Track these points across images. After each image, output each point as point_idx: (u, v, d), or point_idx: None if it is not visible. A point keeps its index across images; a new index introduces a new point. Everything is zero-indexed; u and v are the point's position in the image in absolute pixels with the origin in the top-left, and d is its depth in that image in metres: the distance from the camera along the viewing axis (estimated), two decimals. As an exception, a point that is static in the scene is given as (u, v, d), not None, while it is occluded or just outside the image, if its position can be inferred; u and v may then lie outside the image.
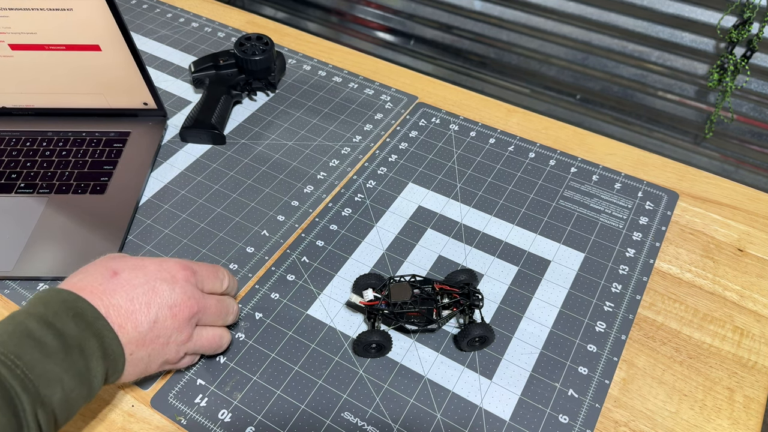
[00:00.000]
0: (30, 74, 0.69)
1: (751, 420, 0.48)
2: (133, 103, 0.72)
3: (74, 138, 0.70)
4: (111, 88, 0.71)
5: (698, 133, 1.01)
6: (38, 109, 0.73)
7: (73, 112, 0.73)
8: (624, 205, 0.64)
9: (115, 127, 0.72)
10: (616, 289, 0.57)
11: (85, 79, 0.70)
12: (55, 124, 0.72)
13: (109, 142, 0.70)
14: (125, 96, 0.71)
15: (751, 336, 0.54)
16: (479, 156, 0.70)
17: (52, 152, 0.69)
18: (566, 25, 1.02)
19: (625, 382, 0.51)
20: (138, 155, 0.69)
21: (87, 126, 0.72)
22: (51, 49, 0.67)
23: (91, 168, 0.67)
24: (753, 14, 0.84)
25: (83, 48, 0.66)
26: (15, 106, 0.72)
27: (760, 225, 0.63)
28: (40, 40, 0.66)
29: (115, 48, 0.66)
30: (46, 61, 0.68)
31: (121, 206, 0.64)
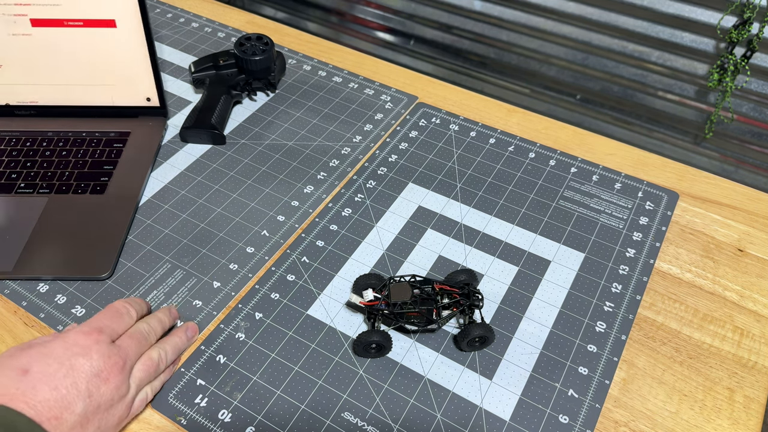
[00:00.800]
0: (44, 58, 0.68)
1: (751, 420, 0.48)
2: (137, 98, 0.72)
3: (74, 138, 0.70)
4: (118, 77, 0.70)
5: (698, 133, 1.01)
6: (41, 108, 0.72)
7: (74, 111, 0.72)
8: (624, 205, 0.64)
9: (115, 127, 0.72)
10: (616, 289, 0.57)
11: (96, 64, 0.69)
12: (56, 123, 0.72)
13: (110, 142, 0.70)
14: (130, 89, 0.71)
15: (751, 336, 0.54)
16: (479, 156, 0.70)
17: (52, 152, 0.68)
18: (566, 25, 1.02)
19: (625, 382, 0.51)
20: (138, 155, 0.69)
21: (88, 126, 0.72)
22: (69, 25, 0.66)
23: (91, 168, 0.67)
24: (753, 14, 0.84)
25: (100, 24, 0.66)
26: (19, 103, 0.72)
27: (760, 225, 0.63)
28: (61, 13, 0.66)
29: (130, 25, 0.66)
30: (63, 41, 0.67)
31: (120, 206, 0.63)
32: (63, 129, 0.71)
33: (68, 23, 0.66)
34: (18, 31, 0.67)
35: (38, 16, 0.66)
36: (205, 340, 0.53)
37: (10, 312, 0.54)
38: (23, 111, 0.72)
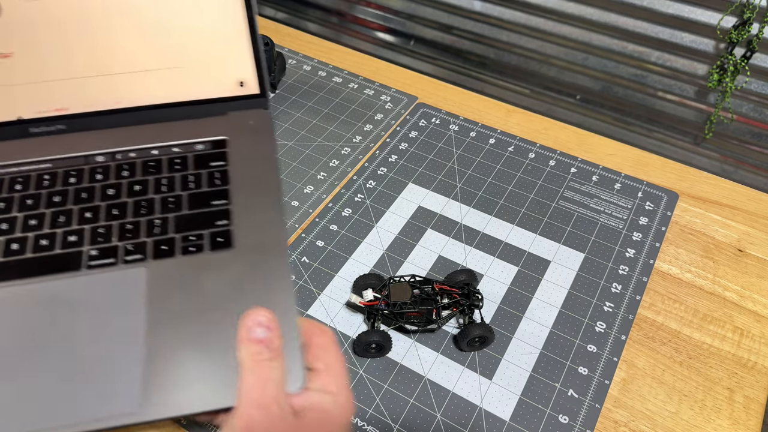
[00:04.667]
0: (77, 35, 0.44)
1: (751, 420, 0.48)
2: (225, 85, 0.48)
3: (143, 161, 0.46)
4: (198, 53, 0.46)
5: (698, 134, 1.01)
6: (72, 118, 0.47)
7: (122, 119, 0.48)
8: (624, 205, 0.64)
9: (197, 135, 0.47)
10: (616, 289, 0.57)
11: (163, 35, 0.45)
12: (100, 141, 0.47)
13: (202, 161, 0.46)
14: (216, 71, 0.47)
15: (751, 336, 0.54)
16: (479, 156, 0.70)
17: (117, 189, 0.44)
18: (566, 26, 1.02)
19: (625, 382, 0.51)
20: (255, 173, 0.46)
21: (151, 138, 0.47)
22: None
23: (193, 207, 0.44)
24: (753, 15, 0.84)
25: None
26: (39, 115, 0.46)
27: (760, 225, 0.63)
28: None
29: None
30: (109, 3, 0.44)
31: (266, 264, 0.40)
32: (120, 148, 0.46)
33: None
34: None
35: None
36: (205, 340, 0.53)
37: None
38: (45, 126, 0.47)
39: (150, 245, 0.42)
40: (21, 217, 0.44)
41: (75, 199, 0.44)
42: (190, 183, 0.45)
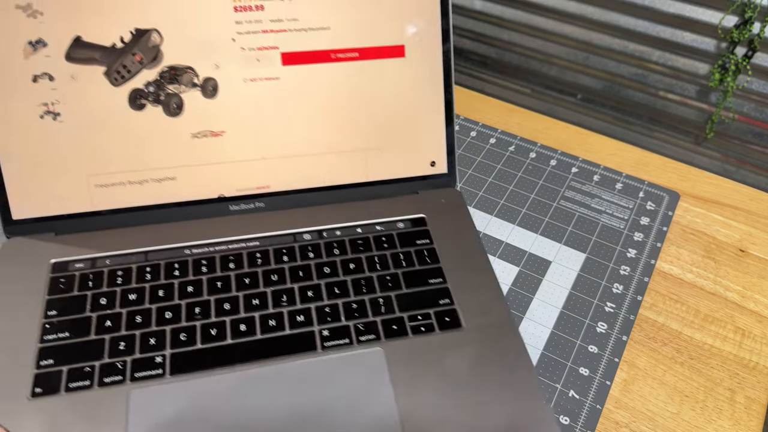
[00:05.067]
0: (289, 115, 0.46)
1: (753, 421, 0.48)
2: (418, 165, 0.49)
3: (351, 239, 0.47)
4: (397, 133, 0.48)
5: (699, 133, 1.01)
6: (273, 196, 0.48)
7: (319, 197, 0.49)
8: (625, 205, 0.64)
9: (393, 212, 0.48)
10: (618, 289, 0.57)
11: (368, 116, 0.47)
12: (298, 219, 0.48)
13: (407, 239, 0.47)
14: (412, 151, 0.49)
15: (753, 337, 0.54)
16: (479, 156, 0.70)
17: (331, 267, 0.45)
18: (567, 25, 1.02)
19: (626, 383, 0.50)
20: (461, 252, 0.47)
21: (347, 216, 0.48)
22: (339, 59, 0.45)
23: (411, 286, 0.44)
24: (754, 14, 0.84)
25: (383, 53, 0.45)
26: (243, 192, 0.48)
27: (762, 225, 0.63)
28: (330, 40, 0.44)
29: (424, 53, 0.46)
30: (323, 84, 0.46)
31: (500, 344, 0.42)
32: (321, 226, 0.47)
33: (338, 56, 0.45)
34: (260, 74, 0.45)
35: (294, 49, 0.45)
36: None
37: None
38: (246, 204, 0.48)
39: (380, 325, 0.42)
40: (242, 296, 0.44)
41: (292, 278, 0.44)
42: (401, 261, 0.46)
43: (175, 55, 0.44)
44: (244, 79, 0.45)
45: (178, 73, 0.44)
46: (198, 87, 0.45)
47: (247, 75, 0.45)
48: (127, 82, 0.45)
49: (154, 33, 0.44)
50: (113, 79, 0.44)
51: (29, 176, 0.46)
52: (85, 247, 0.47)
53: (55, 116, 0.45)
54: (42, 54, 0.43)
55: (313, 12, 0.44)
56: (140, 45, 0.44)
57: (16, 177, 0.45)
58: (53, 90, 0.44)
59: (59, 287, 0.45)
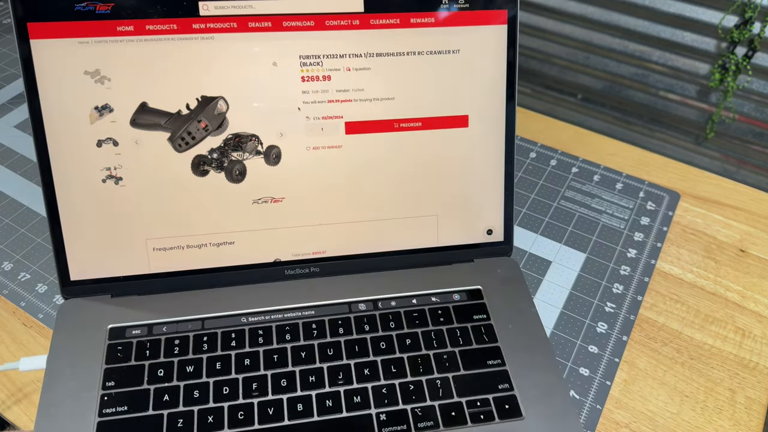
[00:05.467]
0: (349, 182, 0.46)
1: (753, 421, 0.48)
2: (474, 232, 0.48)
3: (406, 311, 0.45)
4: (455, 200, 0.47)
5: (700, 133, 1.01)
6: (328, 262, 0.48)
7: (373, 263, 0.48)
8: (625, 205, 0.64)
9: (448, 283, 0.47)
10: (618, 289, 0.57)
11: (428, 184, 0.47)
12: (358, 285, 0.47)
13: (464, 313, 0.45)
14: (469, 218, 0.48)
15: (753, 337, 0.54)
16: (480, 156, 0.70)
17: (387, 342, 0.43)
18: (567, 25, 1.02)
19: (627, 383, 0.50)
20: (519, 329, 0.45)
21: (401, 285, 0.47)
22: (402, 128, 0.45)
23: (468, 367, 0.42)
24: (754, 14, 0.84)
25: (447, 123, 0.45)
26: (299, 257, 0.47)
27: (762, 225, 0.63)
28: (395, 110, 0.45)
29: (488, 122, 0.46)
30: (385, 153, 0.46)
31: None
32: (376, 296, 0.46)
33: (401, 125, 0.45)
34: (323, 142, 0.45)
35: (359, 118, 0.45)
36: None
37: (9, 312, 0.54)
38: (301, 269, 0.47)
39: (438, 410, 0.40)
40: (298, 372, 0.43)
41: (348, 353, 0.43)
42: (458, 338, 0.44)
43: (240, 122, 0.44)
44: (307, 147, 0.45)
45: (243, 140, 0.44)
46: (261, 154, 0.45)
47: (311, 143, 0.45)
48: (191, 148, 0.44)
49: (221, 101, 0.43)
50: (177, 146, 0.44)
51: (89, 238, 0.46)
52: (142, 312, 0.46)
53: (117, 180, 0.45)
54: (107, 119, 0.43)
55: (379, 83, 0.44)
56: (206, 112, 0.44)
57: (76, 239, 0.45)
58: (117, 155, 0.44)
59: (117, 356, 0.44)
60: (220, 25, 0.43)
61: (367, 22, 0.44)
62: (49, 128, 0.43)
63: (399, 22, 0.44)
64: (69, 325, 0.46)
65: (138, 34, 0.42)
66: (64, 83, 0.43)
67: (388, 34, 0.44)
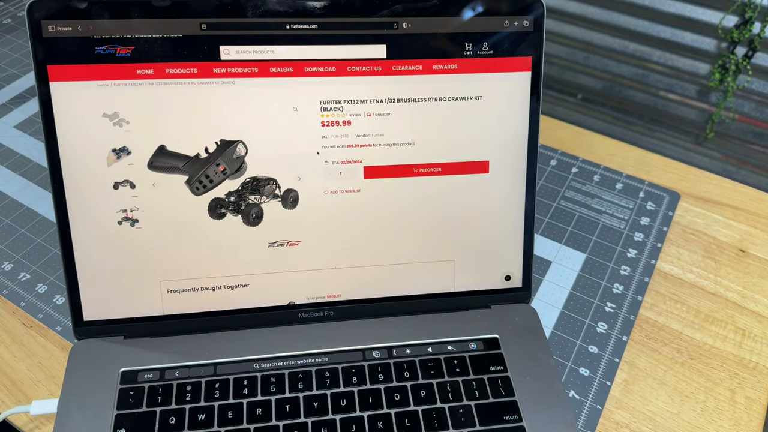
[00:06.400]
0: (367, 228, 0.46)
1: (753, 421, 0.48)
2: (492, 278, 0.47)
3: (421, 360, 0.44)
4: (473, 246, 0.47)
5: (700, 133, 1.01)
6: (342, 306, 0.47)
7: (387, 308, 0.47)
8: (625, 205, 0.64)
9: (466, 331, 0.46)
10: (618, 289, 0.57)
11: (446, 230, 0.46)
12: (372, 331, 0.46)
13: (480, 364, 0.44)
14: (487, 264, 0.47)
15: (753, 337, 0.54)
16: (480, 156, 0.70)
17: (401, 394, 0.42)
18: (568, 25, 1.02)
19: (627, 383, 0.50)
20: (536, 381, 0.44)
21: (422, 332, 0.46)
22: (421, 173, 0.45)
23: (484, 423, 0.41)
24: (754, 14, 0.84)
25: (467, 168, 0.45)
26: (314, 300, 0.47)
27: (762, 225, 0.63)
28: (414, 155, 0.44)
29: (509, 168, 0.45)
30: (403, 197, 0.45)
31: None
32: (390, 343, 0.45)
33: (420, 170, 0.45)
34: (341, 186, 0.45)
35: (378, 162, 0.44)
36: None
37: (9, 312, 0.54)
38: (316, 312, 0.47)
39: None
40: (310, 423, 0.42)
41: (362, 404, 0.42)
42: (474, 391, 0.42)
43: (258, 166, 0.44)
44: (325, 191, 0.45)
45: (261, 184, 0.44)
46: (278, 198, 0.45)
47: (329, 187, 0.45)
48: (208, 191, 0.44)
49: (240, 145, 0.43)
50: (195, 189, 0.44)
51: (103, 279, 0.45)
52: (155, 354, 0.45)
53: (133, 222, 0.44)
54: (125, 161, 0.43)
55: (399, 127, 0.44)
56: (225, 156, 0.43)
57: (90, 280, 0.45)
58: (134, 197, 0.44)
59: (128, 401, 0.43)
60: (241, 69, 0.43)
61: (389, 68, 0.43)
62: (66, 170, 0.43)
63: (421, 68, 0.44)
64: (81, 367, 0.45)
65: (158, 77, 0.42)
66: (82, 125, 0.42)
67: (409, 80, 0.44)
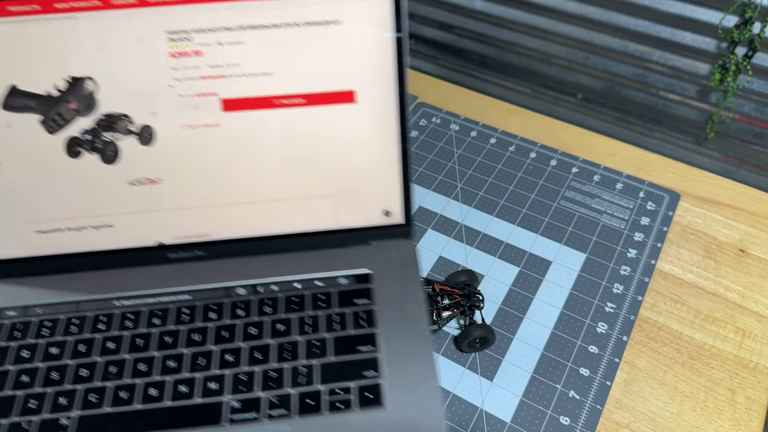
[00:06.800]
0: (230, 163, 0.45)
1: (753, 421, 0.48)
2: (370, 214, 0.46)
3: (287, 296, 0.44)
4: (346, 182, 0.45)
5: (700, 133, 1.01)
6: (213, 245, 0.46)
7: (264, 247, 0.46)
8: (625, 205, 0.64)
9: (339, 267, 0.45)
10: (618, 290, 0.57)
11: (314, 164, 0.45)
12: (237, 270, 0.46)
13: (346, 298, 0.44)
14: (363, 200, 0.46)
15: (753, 337, 0.54)
16: (480, 156, 0.70)
17: (258, 328, 0.42)
18: (567, 25, 1.02)
19: (627, 383, 0.50)
20: (401, 314, 0.43)
21: (290, 269, 0.45)
22: (282, 105, 0.43)
23: (338, 353, 0.41)
24: (754, 14, 0.84)
25: (332, 99, 0.43)
26: (181, 240, 0.46)
27: (762, 226, 0.63)
28: (273, 86, 0.43)
29: (377, 98, 0.43)
30: (266, 131, 0.44)
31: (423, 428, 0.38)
32: (256, 279, 0.45)
33: (281, 102, 0.43)
34: (199, 120, 0.43)
35: (235, 95, 0.43)
36: None
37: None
38: (186, 252, 0.46)
39: (295, 398, 0.39)
40: (160, 356, 0.42)
41: (216, 339, 0.42)
42: (334, 324, 0.42)
43: (110, 102, 0.44)
44: (182, 126, 0.43)
45: (114, 120, 0.44)
46: (134, 134, 0.44)
47: (185, 122, 0.43)
48: (63, 130, 0.44)
49: (88, 81, 0.43)
50: (49, 127, 0.44)
51: None
52: (22, 293, 0.46)
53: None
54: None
55: (254, 57, 0.42)
56: (75, 93, 0.43)
57: None
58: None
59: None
60: (83, 3, 0.41)
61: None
62: None
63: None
64: None
65: (1, 15, 0.42)
66: None
67: (260, 6, 0.41)
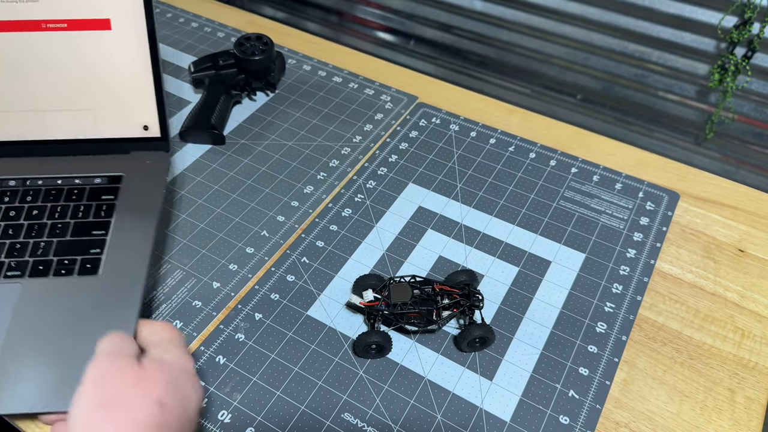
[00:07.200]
0: (4, 76, 0.53)
1: (752, 421, 0.48)
2: (131, 127, 0.55)
3: (46, 189, 0.52)
4: (107, 97, 0.54)
5: (699, 134, 1.01)
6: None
7: (41, 149, 0.55)
8: (625, 205, 0.64)
9: (100, 169, 0.54)
10: (617, 289, 0.57)
11: (79, 80, 0.53)
12: (14, 167, 0.54)
13: (96, 194, 0.52)
14: (122, 114, 0.55)
15: (752, 337, 0.54)
16: (480, 156, 0.70)
17: (18, 212, 0.51)
18: (567, 25, 1.02)
19: (626, 383, 0.50)
20: (137, 211, 0.52)
21: (61, 169, 0.54)
22: (47, 28, 0.51)
23: (75, 234, 0.50)
24: (754, 14, 0.84)
25: (89, 25, 0.51)
26: None
27: (762, 225, 0.63)
28: (38, 12, 0.50)
29: (130, 26, 0.51)
30: (35, 50, 0.52)
31: (121, 291, 0.47)
32: (26, 175, 0.53)
33: (46, 25, 0.51)
34: None
35: (3, 18, 0.50)
36: (205, 341, 0.53)
37: None
38: None
39: (29, 265, 0.48)
40: None
41: None
42: (80, 212, 0.51)
43: None
44: None
45: None
46: None
47: None
48: None
49: None
50: None
51: None
52: None
53: None
54: None
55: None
56: None
57: None
58: None
59: None
60: None
61: None
62: None
63: None
64: None
65: None
66: None
67: None
